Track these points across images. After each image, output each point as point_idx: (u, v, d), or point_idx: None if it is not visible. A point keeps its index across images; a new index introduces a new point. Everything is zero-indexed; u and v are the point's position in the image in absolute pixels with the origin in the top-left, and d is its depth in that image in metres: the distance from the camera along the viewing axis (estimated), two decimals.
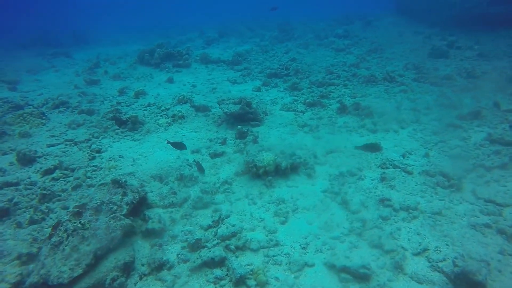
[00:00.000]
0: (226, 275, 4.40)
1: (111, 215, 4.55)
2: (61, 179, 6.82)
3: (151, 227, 5.01)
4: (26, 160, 7.43)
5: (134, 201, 5.07)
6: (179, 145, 6.84)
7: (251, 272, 4.38)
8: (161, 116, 9.78)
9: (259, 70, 15.98)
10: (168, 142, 6.92)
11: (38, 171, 7.09)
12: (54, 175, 6.90)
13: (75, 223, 4.31)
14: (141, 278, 4.35)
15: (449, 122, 8.67)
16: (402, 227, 5.16)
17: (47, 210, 5.77)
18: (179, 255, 4.72)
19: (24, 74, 16.90)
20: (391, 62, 15.10)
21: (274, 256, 4.74)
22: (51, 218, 5.59)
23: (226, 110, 9.16)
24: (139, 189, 5.56)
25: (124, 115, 9.43)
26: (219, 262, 4.51)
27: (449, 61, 14.60)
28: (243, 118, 9.38)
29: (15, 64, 19.41)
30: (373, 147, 7.39)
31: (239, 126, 8.19)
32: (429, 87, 11.54)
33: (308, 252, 4.81)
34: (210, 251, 4.56)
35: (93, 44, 27.09)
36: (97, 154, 7.76)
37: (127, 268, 4.31)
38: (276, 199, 5.97)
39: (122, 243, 4.56)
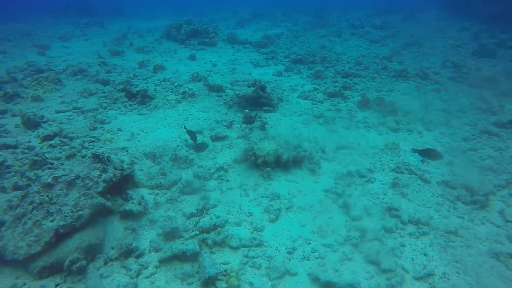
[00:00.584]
0: (197, 272, 3.91)
1: (84, 192, 4.15)
2: (58, 146, 6.58)
3: (129, 208, 4.60)
4: (30, 124, 7.26)
5: (114, 179, 4.65)
6: (193, 136, 6.32)
7: (223, 273, 3.87)
8: (172, 92, 9.34)
9: (285, 54, 15.16)
10: (186, 128, 6.43)
11: (39, 136, 6.89)
12: (52, 141, 6.67)
13: (42, 195, 3.96)
14: (106, 263, 3.95)
15: (484, 128, 7.59)
16: (407, 244, 4.41)
17: (34, 177, 5.51)
18: (152, 243, 4.27)
19: (55, 40, 17.07)
20: (428, 58, 13.73)
21: (254, 257, 4.18)
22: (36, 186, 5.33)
23: (238, 92, 8.55)
24: (125, 166, 5.16)
25: (135, 88, 9.07)
26: (192, 257, 4.02)
27: (495, 61, 13.04)
28: (256, 102, 8.75)
29: (51, 30, 19.73)
30: (432, 154, 5.63)
31: (247, 110, 7.57)
32: (467, 88, 10.29)
33: (293, 258, 4.21)
34: (183, 243, 4.08)
35: (128, 16, 27.12)
36: (99, 125, 7.46)
37: (92, 251, 3.92)
38: (271, 194, 5.37)
39: (94, 223, 4.17)
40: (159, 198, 5.20)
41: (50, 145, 6.59)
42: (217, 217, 4.77)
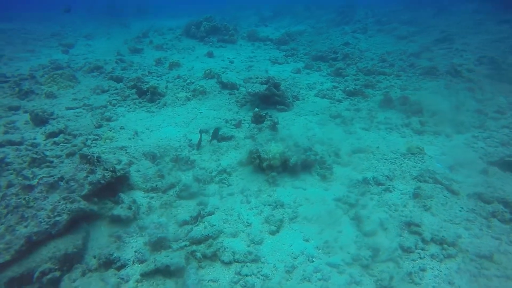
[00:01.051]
0: None
1: (65, 195, 3.80)
2: (62, 144, 6.35)
3: (116, 213, 4.21)
4: (38, 120, 7.11)
5: (103, 181, 4.28)
6: (215, 133, 6.19)
7: None
8: (183, 89, 8.96)
9: (305, 51, 14.49)
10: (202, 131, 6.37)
11: (45, 132, 6.71)
12: (56, 139, 6.46)
13: (20, 198, 3.63)
14: (83, 274, 3.56)
15: None
16: (428, 268, 3.71)
17: (31, 176, 5.27)
18: (137, 253, 3.85)
19: (81, 39, 17.32)
20: (461, 54, 12.53)
21: (247, 275, 3.65)
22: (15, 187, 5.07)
23: (250, 89, 8.02)
24: (119, 167, 4.78)
25: (146, 84, 8.77)
26: (176, 272, 3.55)
27: None
28: (269, 101, 8.19)
29: (78, 30, 20.11)
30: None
31: (256, 109, 7.03)
32: (507, 87, 9.16)
33: (292, 279, 3.64)
34: (167, 256, 3.62)
35: (152, 15, 27.27)
36: (105, 123, 7.20)
37: (69, 260, 3.55)
38: (275, 201, 4.80)
39: (75, 229, 3.81)
40: (153, 202, 4.79)
41: (54, 143, 6.38)
42: (212, 226, 4.29)
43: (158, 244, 3.91)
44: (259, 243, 4.10)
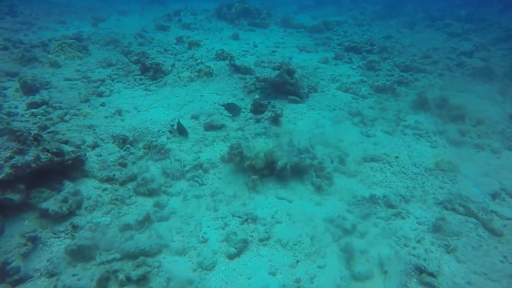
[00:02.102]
0: None
1: None
2: (39, 116, 5.68)
3: (45, 206, 3.36)
4: (27, 88, 6.52)
5: (35, 164, 3.43)
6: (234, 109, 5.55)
7: None
8: (188, 69, 8.00)
9: (339, 42, 12.92)
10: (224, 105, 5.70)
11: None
12: (36, 110, 5.80)
13: None
14: None
15: None
16: None
17: None
18: (49, 263, 2.96)
19: (114, 14, 16.97)
20: None
21: None
22: None
23: (259, 74, 6.86)
24: (69, 150, 3.93)
25: (151, 60, 7.92)
26: None
27: None
28: (280, 89, 6.99)
29: (116, 6, 19.87)
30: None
31: (257, 96, 5.87)
32: None
33: None
34: (75, 276, 2.69)
35: None
36: (94, 97, 6.45)
37: None
38: (247, 213, 3.71)
39: None
40: (105, 195, 3.90)
41: (32, 114, 5.72)
42: (159, 237, 3.30)
43: (79, 254, 3.00)
44: (209, 269, 3.05)
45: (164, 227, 3.45)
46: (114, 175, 4.14)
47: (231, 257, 3.17)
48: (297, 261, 3.17)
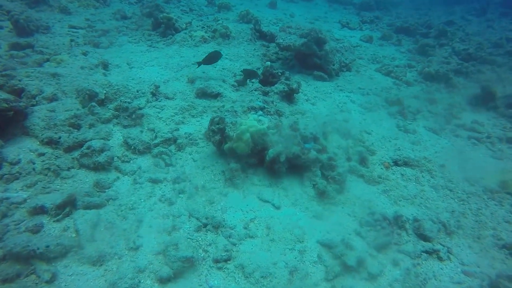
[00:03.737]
0: None
1: None
2: (21, 58, 4.82)
3: None
4: (19, 29, 5.68)
5: None
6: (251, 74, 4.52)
7: None
8: (203, 28, 6.75)
9: (390, 22, 10.98)
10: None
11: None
12: (20, 52, 4.96)
13: None
14: None
15: None
16: None
17: None
18: None
19: None
20: None
21: None
22: None
23: (281, 40, 5.48)
24: (9, 97, 2.96)
25: (165, 14, 6.78)
26: None
27: None
28: (306, 62, 5.60)
29: None
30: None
31: (268, 62, 4.53)
32: None
33: None
34: None
35: None
36: (89, 47, 5.48)
37: None
38: (210, 216, 2.54)
39: None
40: (38, 162, 2.92)
41: (11, 56, 4.87)
42: (77, 232, 2.26)
43: None
44: None
45: (87, 218, 2.38)
46: (59, 137, 3.13)
47: (162, 281, 2.05)
48: None
